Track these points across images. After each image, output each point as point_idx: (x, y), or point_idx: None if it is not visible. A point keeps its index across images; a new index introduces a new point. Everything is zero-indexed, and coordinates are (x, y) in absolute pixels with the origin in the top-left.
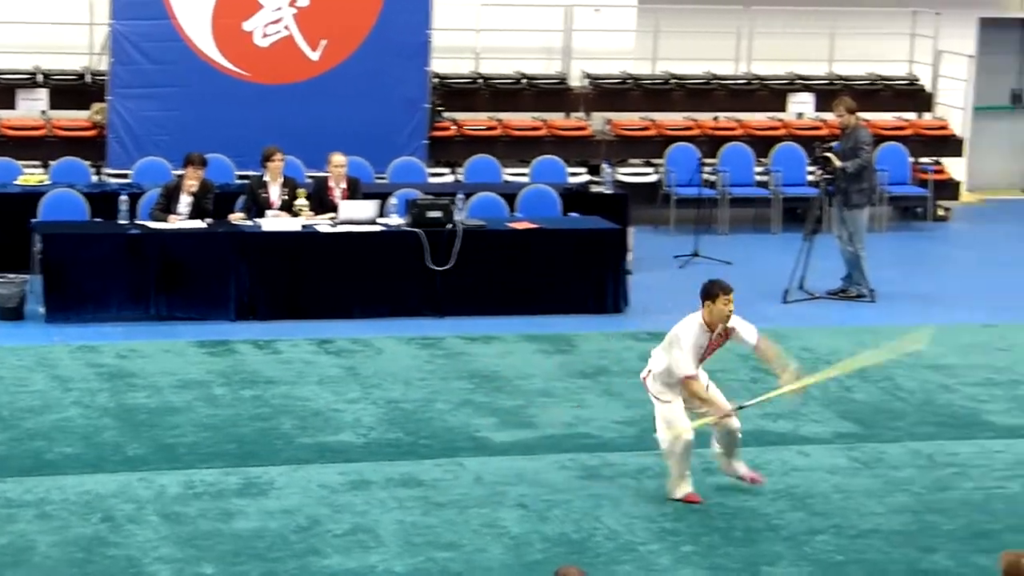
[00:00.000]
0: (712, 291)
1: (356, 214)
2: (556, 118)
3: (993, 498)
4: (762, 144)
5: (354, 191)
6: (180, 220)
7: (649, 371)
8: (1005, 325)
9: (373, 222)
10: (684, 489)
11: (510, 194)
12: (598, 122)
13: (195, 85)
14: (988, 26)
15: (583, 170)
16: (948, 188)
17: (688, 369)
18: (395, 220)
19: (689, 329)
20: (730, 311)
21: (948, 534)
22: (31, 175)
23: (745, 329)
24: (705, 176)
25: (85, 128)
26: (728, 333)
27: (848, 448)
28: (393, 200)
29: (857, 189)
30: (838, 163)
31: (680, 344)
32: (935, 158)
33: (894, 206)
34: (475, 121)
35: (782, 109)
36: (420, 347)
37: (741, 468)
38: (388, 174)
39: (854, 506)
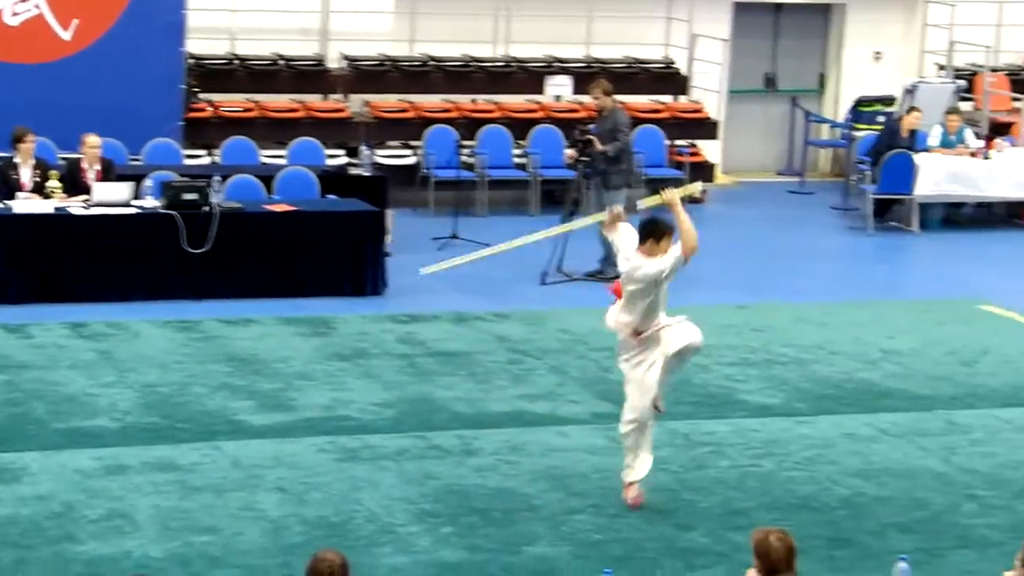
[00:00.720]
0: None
1: (110, 196)
2: (314, 100)
3: (748, 476)
4: (520, 127)
5: (108, 173)
6: None
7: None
8: (759, 305)
9: (128, 204)
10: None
11: (267, 176)
12: (356, 104)
13: None
14: (742, 11)
15: (341, 152)
16: (703, 170)
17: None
18: (150, 202)
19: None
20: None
21: (704, 512)
22: None
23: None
24: (463, 158)
25: None
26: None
27: (606, 428)
28: (148, 182)
29: (616, 171)
30: (600, 146)
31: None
32: (691, 140)
33: (651, 188)
34: (232, 102)
35: (540, 92)
36: (177, 330)
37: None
38: (143, 156)
39: (612, 485)
